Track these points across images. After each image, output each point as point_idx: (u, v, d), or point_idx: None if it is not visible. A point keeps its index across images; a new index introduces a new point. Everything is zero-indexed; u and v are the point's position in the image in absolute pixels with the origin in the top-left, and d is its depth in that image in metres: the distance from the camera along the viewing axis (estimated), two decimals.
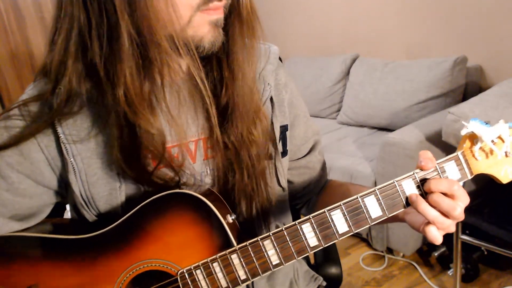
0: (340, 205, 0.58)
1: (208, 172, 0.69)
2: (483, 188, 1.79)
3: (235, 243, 0.60)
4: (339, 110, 2.70)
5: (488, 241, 1.50)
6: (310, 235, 0.59)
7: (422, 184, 0.59)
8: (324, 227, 0.58)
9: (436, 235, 0.57)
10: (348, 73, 2.63)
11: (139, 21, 0.55)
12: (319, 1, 2.91)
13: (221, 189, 0.70)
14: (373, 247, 2.02)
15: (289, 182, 0.81)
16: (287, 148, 0.76)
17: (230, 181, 0.68)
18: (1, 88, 2.96)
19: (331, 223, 0.58)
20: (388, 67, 2.36)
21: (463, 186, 0.58)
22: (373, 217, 0.59)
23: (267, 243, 0.59)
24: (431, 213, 0.56)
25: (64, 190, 0.67)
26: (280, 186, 0.75)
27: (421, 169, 0.59)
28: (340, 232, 0.59)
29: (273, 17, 3.25)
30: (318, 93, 2.73)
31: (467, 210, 0.58)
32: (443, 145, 1.64)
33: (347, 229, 0.59)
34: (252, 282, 0.74)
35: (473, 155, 0.60)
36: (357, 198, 0.58)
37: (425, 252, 1.97)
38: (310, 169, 0.82)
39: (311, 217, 0.58)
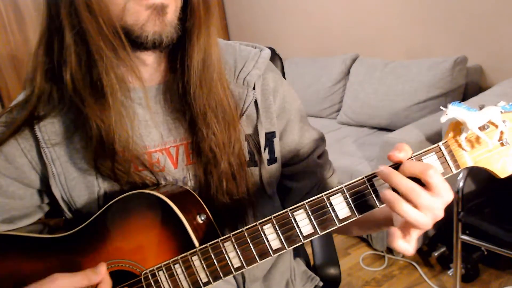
0: (304, 204, 0.54)
1: (190, 177, 0.69)
2: (483, 188, 1.78)
3: (196, 244, 0.58)
4: (339, 110, 2.69)
5: (488, 241, 1.50)
6: (272, 237, 0.55)
7: None
8: (287, 229, 0.54)
9: (404, 246, 0.50)
10: (348, 73, 2.63)
11: (77, 9, 0.55)
12: (319, 1, 2.91)
13: (203, 194, 0.68)
14: (373, 247, 2.02)
15: (289, 189, 0.79)
16: (276, 156, 0.73)
17: (212, 187, 0.67)
18: (1, 88, 2.95)
19: (294, 224, 0.54)
20: (388, 67, 2.36)
21: (463, 186, 0.55)
22: (340, 217, 0.53)
23: (228, 245, 0.56)
24: (411, 213, 0.47)
25: (50, 191, 0.68)
26: (266, 193, 0.73)
27: (389, 159, 0.51)
28: (304, 234, 0.54)
29: (273, 17, 3.25)
30: (318, 93, 2.73)
31: (467, 210, 0.55)
32: None
33: (312, 230, 0.54)
34: (245, 283, 0.74)
35: (460, 146, 0.52)
36: (322, 196, 0.53)
37: (425, 252, 1.97)
38: (309, 173, 0.78)
39: (272, 218, 0.55)
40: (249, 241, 0.56)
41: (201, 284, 0.58)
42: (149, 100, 0.66)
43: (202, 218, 0.61)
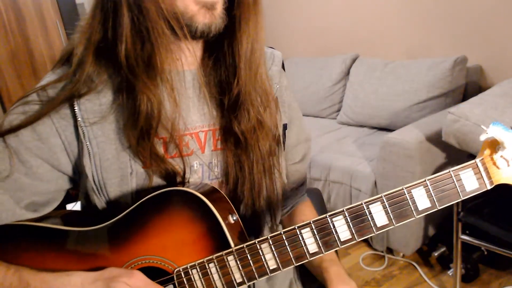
0: (343, 211, 0.56)
1: (217, 163, 0.70)
2: None
3: (232, 244, 0.59)
4: (339, 110, 2.69)
5: (488, 241, 1.50)
6: (310, 241, 0.56)
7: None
8: (325, 233, 0.56)
9: None
10: (348, 73, 2.63)
11: None
12: (319, 1, 2.91)
13: (229, 181, 0.70)
14: (373, 247, 2.02)
15: None
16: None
17: (238, 174, 0.69)
18: (1, 88, 2.95)
19: (333, 229, 0.56)
20: (388, 67, 2.36)
21: None
22: (378, 225, 0.56)
23: (265, 247, 0.57)
24: None
25: (77, 176, 0.68)
26: (283, 182, 0.76)
27: None
28: (342, 240, 0.56)
29: (273, 17, 3.25)
30: (318, 93, 2.73)
31: (467, 210, 0.57)
32: (443, 145, 1.63)
33: (350, 236, 0.56)
34: None
35: (494, 163, 0.55)
36: (362, 204, 0.56)
37: (425, 252, 1.97)
38: (293, 177, 0.83)
39: (311, 222, 0.56)
40: (286, 244, 0.57)
41: (235, 284, 0.58)
42: (186, 84, 0.68)
43: (234, 218, 0.62)
